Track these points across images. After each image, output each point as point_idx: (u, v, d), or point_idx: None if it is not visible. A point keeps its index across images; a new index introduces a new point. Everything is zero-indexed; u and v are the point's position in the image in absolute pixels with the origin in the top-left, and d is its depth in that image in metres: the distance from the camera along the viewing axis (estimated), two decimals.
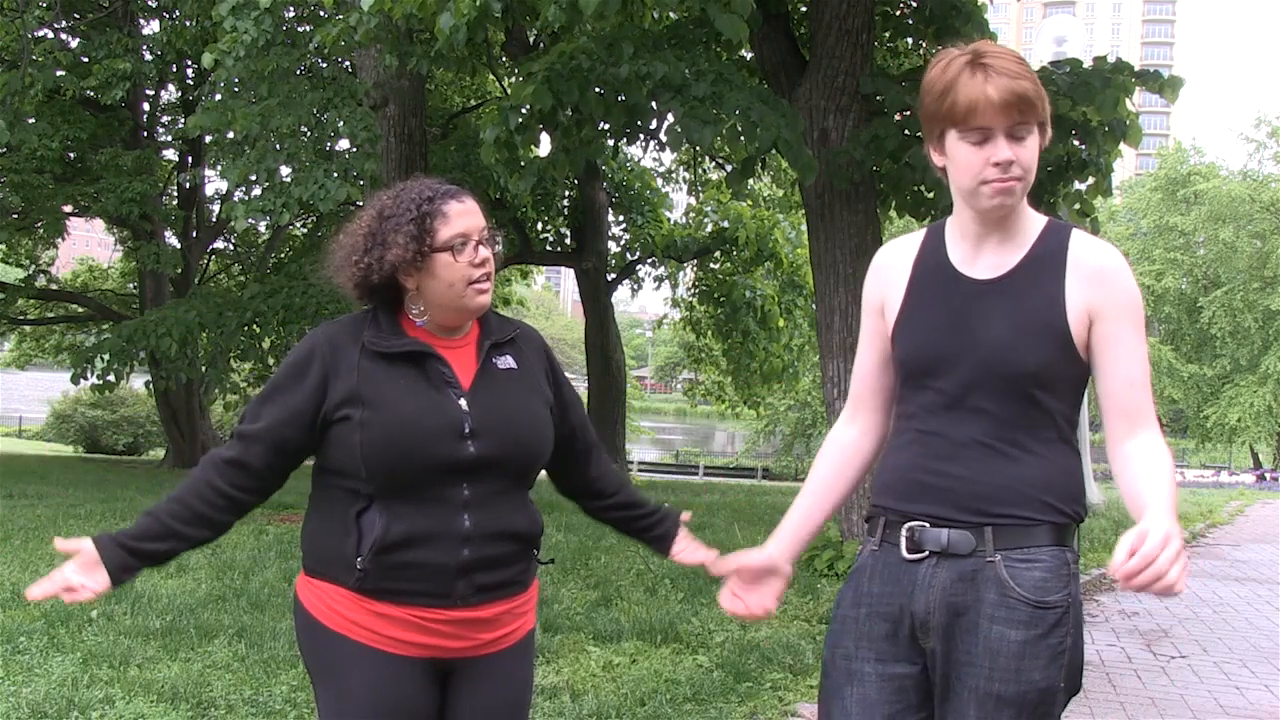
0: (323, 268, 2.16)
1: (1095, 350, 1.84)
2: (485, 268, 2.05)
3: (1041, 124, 1.81)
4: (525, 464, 2.11)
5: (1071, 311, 1.83)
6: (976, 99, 1.76)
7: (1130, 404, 1.85)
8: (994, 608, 1.80)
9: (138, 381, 19.60)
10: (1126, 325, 1.84)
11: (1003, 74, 1.76)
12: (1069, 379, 1.86)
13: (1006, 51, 1.81)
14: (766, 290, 17.81)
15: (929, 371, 1.89)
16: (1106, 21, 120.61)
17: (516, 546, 2.09)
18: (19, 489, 11.53)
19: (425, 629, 2.00)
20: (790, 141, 6.32)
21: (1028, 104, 1.76)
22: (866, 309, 2.05)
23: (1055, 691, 1.80)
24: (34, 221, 16.80)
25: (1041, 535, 1.82)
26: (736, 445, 45.53)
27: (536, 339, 2.22)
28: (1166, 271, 35.35)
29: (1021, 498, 1.82)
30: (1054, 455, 1.85)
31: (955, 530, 1.84)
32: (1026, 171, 1.80)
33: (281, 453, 2.03)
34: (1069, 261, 1.85)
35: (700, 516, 10.36)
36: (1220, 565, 9.87)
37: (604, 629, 5.28)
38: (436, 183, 2.09)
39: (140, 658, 4.54)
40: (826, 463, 2.09)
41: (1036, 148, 1.81)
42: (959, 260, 1.92)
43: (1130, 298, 1.84)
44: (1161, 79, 7.30)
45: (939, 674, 1.86)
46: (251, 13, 8.82)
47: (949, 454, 1.86)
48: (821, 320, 7.45)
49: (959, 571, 1.83)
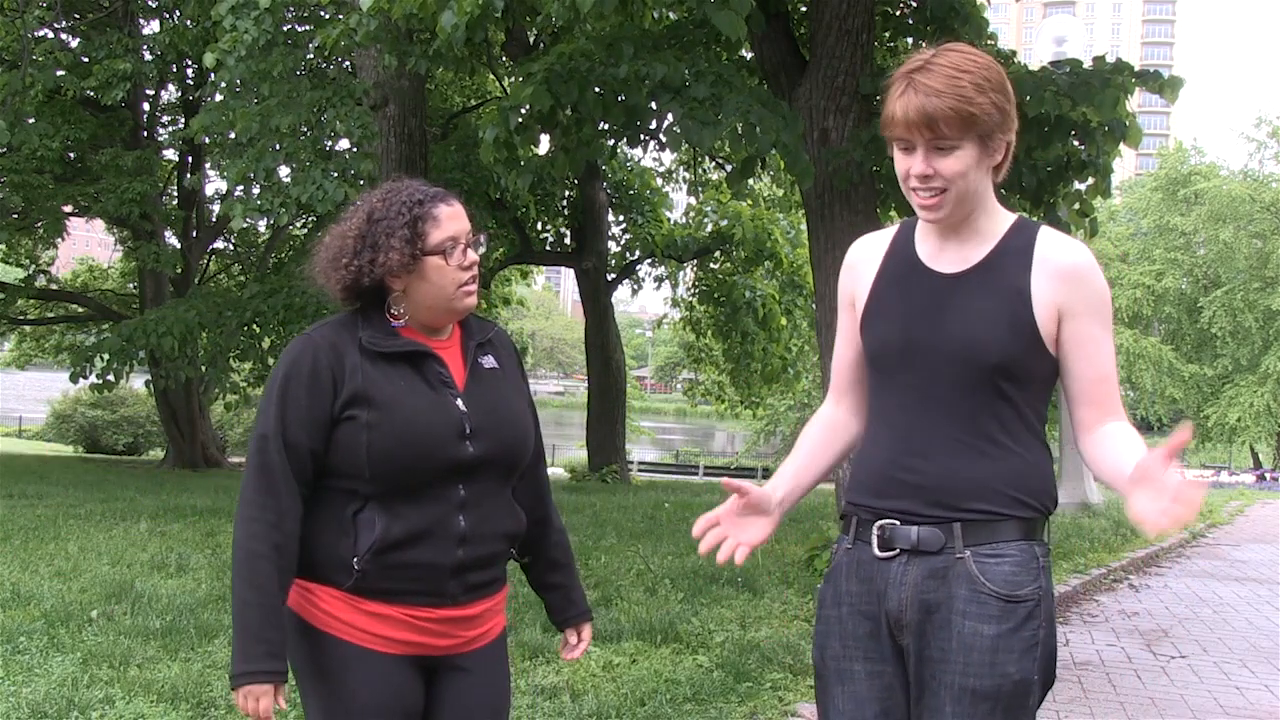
0: (308, 270, 2.15)
1: (1065, 347, 1.87)
2: (472, 270, 2.06)
3: (984, 135, 1.81)
4: (514, 463, 2.13)
5: (1039, 306, 1.84)
6: (894, 113, 1.84)
7: (1100, 397, 1.88)
8: (965, 603, 1.83)
9: (138, 381, 19.62)
10: (1096, 323, 1.86)
11: (922, 92, 1.79)
12: (1036, 373, 1.87)
13: (948, 66, 1.81)
14: (767, 290, 17.81)
15: (894, 364, 1.92)
16: (1106, 21, 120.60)
17: (503, 546, 2.12)
18: (19, 489, 11.53)
19: (416, 628, 2.01)
20: (789, 145, 6.32)
21: (934, 124, 1.79)
22: (840, 304, 2.08)
23: (1030, 684, 1.82)
24: (34, 221, 16.81)
25: (1010, 530, 1.84)
26: (736, 445, 45.52)
27: (508, 340, 2.25)
28: (1167, 271, 35.34)
29: (989, 492, 1.84)
30: (1022, 449, 1.87)
31: (925, 527, 1.86)
32: (950, 182, 1.82)
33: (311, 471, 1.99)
34: (1036, 257, 1.87)
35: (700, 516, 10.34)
36: (1220, 565, 9.88)
37: (604, 629, 5.28)
38: (423, 185, 2.09)
39: (140, 658, 4.54)
40: (815, 431, 2.11)
41: (970, 159, 1.82)
42: (926, 255, 1.95)
43: (1099, 296, 1.87)
44: (1161, 79, 7.30)
45: (914, 671, 1.89)
46: (251, 13, 8.82)
47: (918, 449, 1.88)
48: (821, 320, 7.45)
49: (930, 568, 1.86)
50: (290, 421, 1.96)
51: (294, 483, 1.96)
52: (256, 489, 1.95)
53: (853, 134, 7.01)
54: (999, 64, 1.87)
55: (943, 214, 1.87)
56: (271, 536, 1.93)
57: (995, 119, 1.82)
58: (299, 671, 2.06)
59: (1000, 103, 1.82)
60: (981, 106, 1.80)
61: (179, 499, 10.47)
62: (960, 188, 1.84)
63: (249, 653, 1.90)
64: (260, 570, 1.92)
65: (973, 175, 1.84)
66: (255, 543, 1.93)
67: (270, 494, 1.95)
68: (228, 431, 23.08)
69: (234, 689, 1.92)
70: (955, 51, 1.85)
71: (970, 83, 1.79)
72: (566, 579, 2.32)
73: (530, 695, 4.23)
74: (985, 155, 1.84)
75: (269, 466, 1.95)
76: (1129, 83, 6.95)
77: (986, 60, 1.85)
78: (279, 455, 1.95)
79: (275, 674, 1.92)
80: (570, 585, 2.33)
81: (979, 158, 1.83)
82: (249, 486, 1.97)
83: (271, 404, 1.98)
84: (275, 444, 1.95)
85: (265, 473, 1.95)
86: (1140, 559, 9.44)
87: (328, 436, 1.98)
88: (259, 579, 1.92)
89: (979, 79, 1.80)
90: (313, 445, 1.97)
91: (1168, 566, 9.63)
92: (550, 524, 2.30)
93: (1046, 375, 1.89)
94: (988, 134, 1.82)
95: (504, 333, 2.25)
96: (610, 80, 6.55)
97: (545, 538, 2.29)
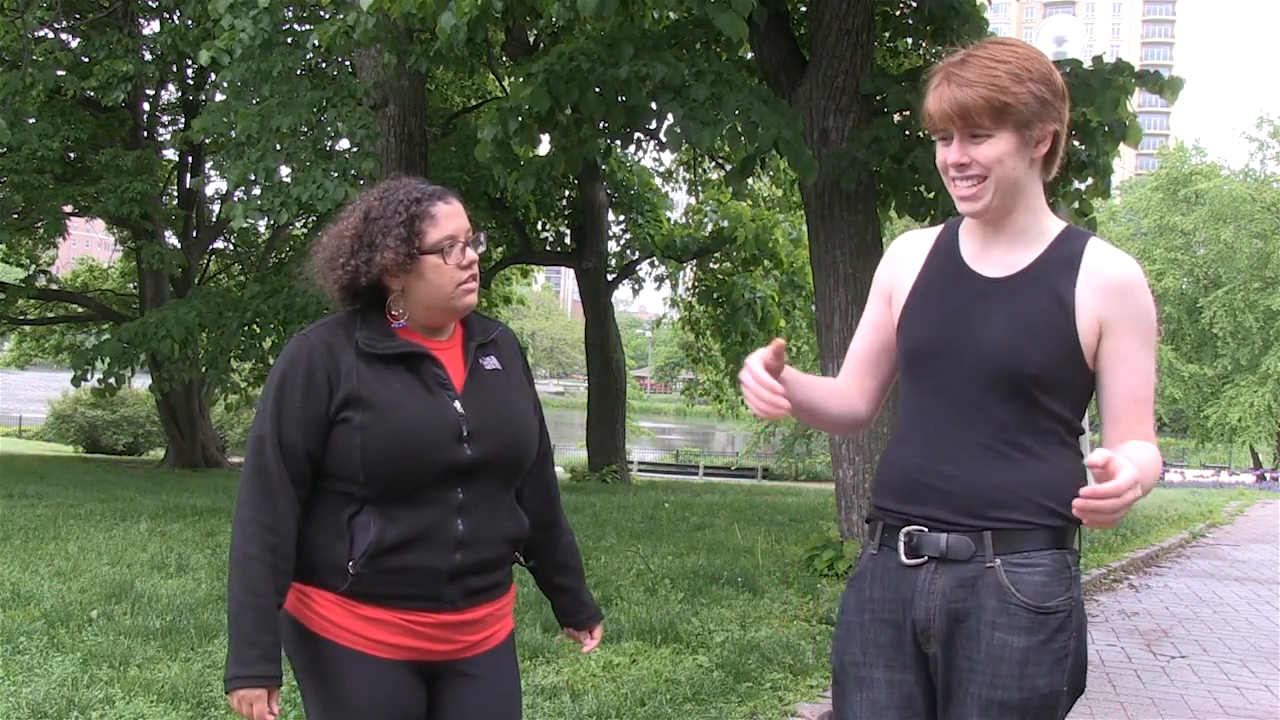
0: (305, 269, 2.13)
1: (1103, 362, 1.83)
2: (471, 269, 2.04)
3: (1021, 124, 1.79)
4: (515, 466, 2.11)
5: (1082, 318, 1.81)
6: (929, 106, 1.84)
7: (1132, 418, 1.84)
8: (995, 614, 1.79)
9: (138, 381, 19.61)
10: (1137, 341, 1.82)
11: (956, 83, 1.79)
12: (1073, 385, 1.84)
13: (985, 57, 1.80)
14: (766, 291, 17.80)
15: (929, 366, 1.89)
16: (1106, 21, 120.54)
17: (505, 550, 2.10)
18: (19, 489, 11.52)
19: (413, 632, 1.99)
20: (790, 141, 6.31)
21: (967, 113, 1.78)
22: (874, 295, 2.04)
23: (1059, 695, 1.80)
24: (34, 221, 16.82)
25: (1041, 539, 1.81)
26: (736, 445, 45.50)
27: (513, 340, 2.22)
28: (1167, 271, 35.33)
29: (1020, 501, 1.81)
30: (1055, 458, 1.83)
31: (954, 535, 1.83)
32: (987, 169, 1.80)
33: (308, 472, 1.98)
34: (1083, 269, 1.83)
35: (700, 516, 10.36)
36: (1220, 565, 9.87)
37: (604, 629, 5.27)
38: (421, 184, 2.07)
39: (140, 658, 4.53)
40: (829, 381, 2.06)
41: (1007, 146, 1.80)
42: (970, 256, 1.92)
43: (1144, 313, 1.82)
44: (1161, 79, 7.30)
45: (940, 680, 1.86)
46: (249, 11, 8.81)
47: (948, 455, 1.84)
48: (821, 320, 7.45)
49: (959, 577, 1.82)
50: (285, 423, 1.95)
51: (290, 485, 1.94)
52: (253, 491, 1.95)
53: (853, 134, 7.01)
54: (1044, 57, 1.85)
55: (982, 204, 1.83)
56: (266, 539, 1.92)
57: (1033, 108, 1.79)
58: (298, 674, 2.05)
59: (1040, 92, 1.80)
60: (1018, 95, 1.78)
61: (179, 499, 10.46)
62: (999, 175, 1.81)
63: (242, 656, 1.90)
64: (254, 573, 1.91)
65: (1011, 163, 1.81)
66: (250, 545, 1.92)
67: (266, 496, 1.93)
68: (228, 431, 23.08)
69: (228, 692, 1.91)
70: (997, 44, 1.84)
71: (1006, 72, 1.78)
72: (575, 581, 2.31)
73: (530, 695, 4.22)
74: (1024, 145, 1.81)
75: (265, 469, 1.94)
76: (1129, 83, 6.94)
77: (1029, 52, 1.83)
78: (274, 457, 1.94)
79: (268, 678, 1.90)
80: (580, 587, 2.31)
81: (1017, 146, 1.80)
82: (245, 488, 1.96)
83: (268, 405, 1.97)
84: (271, 445, 1.94)
85: (261, 475, 1.94)
86: (1140, 559, 9.44)
87: (324, 438, 1.97)
88: (253, 582, 1.91)
89: (1017, 69, 1.79)
90: (308, 447, 1.96)
91: (1168, 566, 9.62)
92: (559, 527, 2.27)
93: (1083, 387, 1.85)
94: (1025, 123, 1.79)
95: (509, 333, 2.22)
96: (610, 81, 6.55)
97: (554, 541, 2.26)
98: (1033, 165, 1.84)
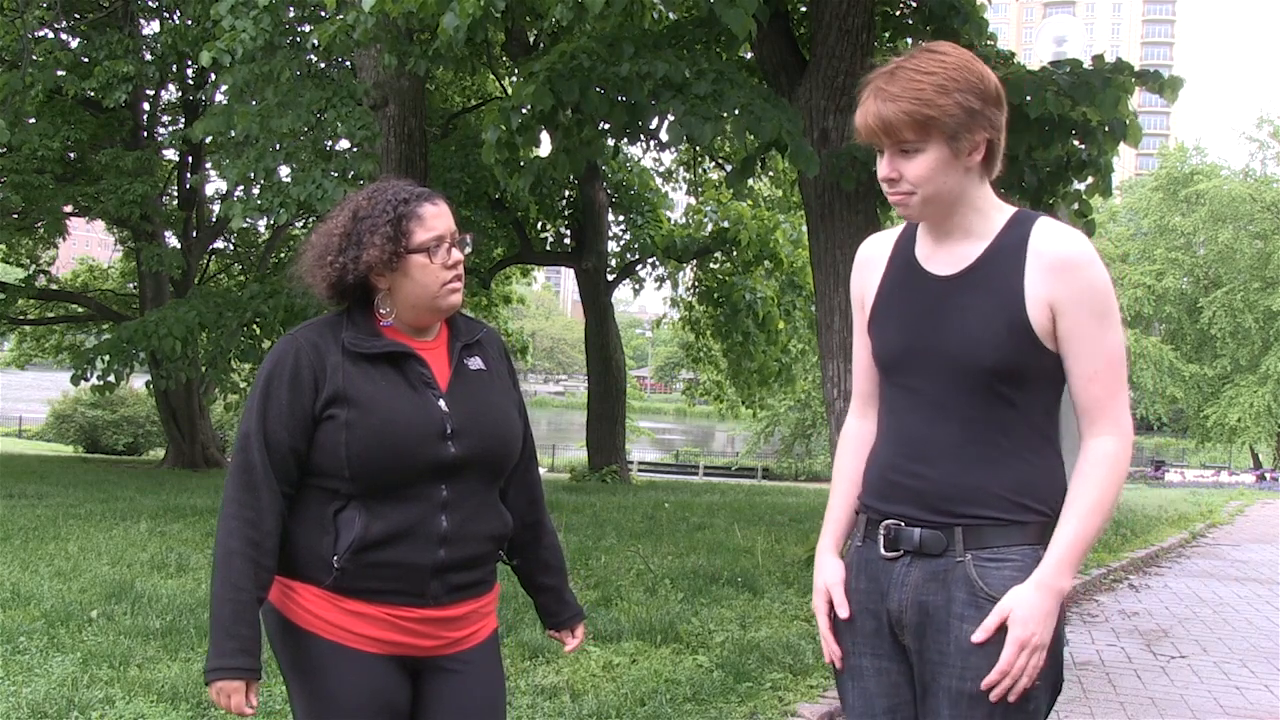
0: (295, 268, 2.17)
1: (1061, 345, 1.82)
2: (457, 269, 2.08)
3: (948, 135, 1.79)
4: (499, 465, 2.14)
5: (1031, 304, 1.80)
6: (856, 122, 1.87)
7: (1090, 400, 1.82)
8: (964, 607, 1.82)
9: (138, 381, 19.62)
10: (1086, 317, 1.80)
11: (881, 98, 1.81)
12: (1038, 373, 1.83)
13: (911, 69, 1.80)
14: (766, 292, 17.81)
15: (897, 368, 1.92)
16: (1106, 21, 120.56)
17: (489, 547, 2.13)
18: (19, 489, 11.53)
19: (398, 627, 2.02)
20: (792, 135, 6.32)
21: (891, 129, 1.80)
22: (854, 304, 2.08)
23: (1030, 689, 1.80)
24: (34, 221, 16.82)
25: (1012, 534, 1.83)
26: (736, 445, 45.51)
27: (498, 341, 2.26)
28: (1167, 271, 35.35)
29: (991, 497, 1.83)
30: (1028, 454, 1.84)
31: (927, 530, 1.86)
32: (917, 185, 1.83)
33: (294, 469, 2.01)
34: (1030, 251, 1.83)
35: (700, 516, 10.36)
36: (1220, 565, 9.88)
37: (604, 629, 5.28)
38: (410, 185, 2.12)
39: (140, 658, 4.54)
40: (849, 455, 2.08)
41: (935, 161, 1.80)
42: (923, 256, 1.94)
43: (1090, 288, 1.80)
44: (1161, 79, 7.30)
45: (917, 672, 1.89)
46: (250, 11, 8.81)
47: (921, 454, 1.87)
48: (821, 320, 7.45)
49: (930, 571, 1.86)
50: (271, 420, 1.99)
51: (275, 481, 1.98)
52: (237, 486, 1.98)
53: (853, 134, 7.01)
54: (977, 63, 1.83)
55: (913, 214, 1.89)
56: (248, 533, 1.95)
57: (960, 119, 1.79)
58: (283, 668, 2.08)
59: (968, 103, 1.79)
60: (943, 108, 1.77)
61: (179, 499, 10.47)
62: (928, 190, 1.83)
63: (221, 648, 1.92)
64: (235, 567, 1.94)
65: (940, 177, 1.82)
66: (233, 540, 1.95)
67: (250, 491, 1.97)
68: (228, 431, 23.07)
69: (207, 684, 1.94)
70: (926, 53, 1.83)
71: (931, 85, 1.78)
72: (558, 581, 2.34)
73: (530, 695, 4.22)
74: (954, 156, 1.81)
75: (250, 465, 1.98)
76: (1129, 82, 6.95)
77: (958, 60, 1.81)
78: (260, 453, 1.97)
79: (246, 670, 1.93)
80: (562, 587, 2.34)
81: (947, 158, 1.81)
82: (231, 484, 1.99)
83: (255, 403, 2.01)
84: (256, 442, 1.98)
85: (247, 471, 1.98)
86: (1140, 559, 9.44)
87: (310, 435, 2.00)
88: (234, 576, 1.94)
89: (943, 80, 1.78)
90: (294, 443, 1.99)
91: (1168, 566, 9.62)
92: (543, 527, 2.31)
93: (1051, 375, 1.84)
94: (952, 135, 1.79)
95: (495, 334, 2.26)
96: (612, 79, 6.55)
97: (538, 540, 2.30)
98: (969, 172, 1.85)
